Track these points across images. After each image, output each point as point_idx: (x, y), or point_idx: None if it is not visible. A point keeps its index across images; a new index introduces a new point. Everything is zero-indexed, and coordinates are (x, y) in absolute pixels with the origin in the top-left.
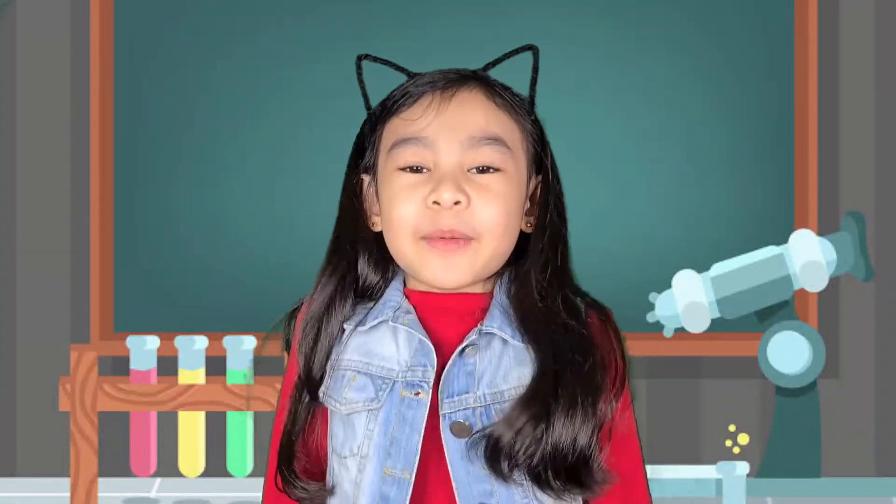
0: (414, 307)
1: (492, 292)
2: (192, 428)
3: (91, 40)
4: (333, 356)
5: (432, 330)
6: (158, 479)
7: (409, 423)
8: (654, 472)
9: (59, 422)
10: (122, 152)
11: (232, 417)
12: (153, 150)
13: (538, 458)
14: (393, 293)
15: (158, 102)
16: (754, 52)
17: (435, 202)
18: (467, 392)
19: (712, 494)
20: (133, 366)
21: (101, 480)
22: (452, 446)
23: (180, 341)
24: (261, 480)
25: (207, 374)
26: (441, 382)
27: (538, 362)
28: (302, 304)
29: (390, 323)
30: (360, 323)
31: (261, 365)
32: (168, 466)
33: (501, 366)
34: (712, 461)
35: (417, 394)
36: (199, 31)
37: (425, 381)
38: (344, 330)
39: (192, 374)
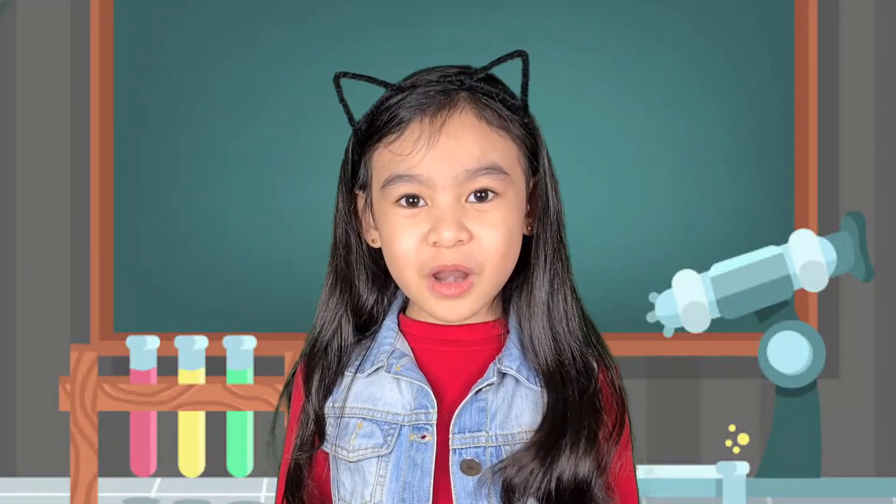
0: (411, 347)
1: (500, 321)
2: (192, 428)
3: (91, 40)
4: (338, 403)
5: (434, 365)
6: (158, 479)
7: (420, 467)
8: (654, 472)
9: (59, 422)
10: (122, 152)
11: (232, 417)
12: (153, 150)
13: (545, 489)
14: (387, 333)
15: (158, 102)
16: (754, 52)
17: (436, 242)
18: (479, 430)
19: (712, 494)
20: (133, 366)
21: (101, 480)
22: (460, 483)
23: (180, 341)
24: (260, 481)
25: (207, 374)
26: (453, 417)
27: (550, 408)
28: (299, 364)
29: (384, 372)
30: (360, 369)
31: (261, 365)
32: (168, 466)
33: (514, 406)
34: (712, 461)
35: (423, 437)
36: (199, 31)
37: (429, 424)
38: (345, 375)
39: (192, 374)
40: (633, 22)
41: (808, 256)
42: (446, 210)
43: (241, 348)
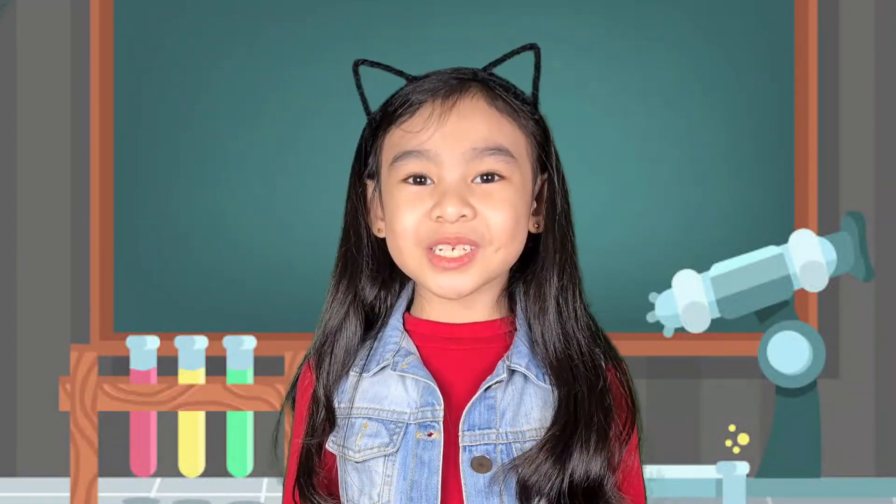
0: (417, 346)
1: (507, 320)
2: (192, 428)
3: (91, 40)
4: (344, 403)
5: (440, 363)
6: (158, 479)
7: (427, 466)
8: (654, 472)
9: (59, 422)
10: (122, 152)
11: (232, 417)
12: (153, 150)
13: (557, 489)
14: (392, 332)
15: (158, 102)
16: (754, 52)
17: (440, 216)
18: (489, 427)
19: (712, 494)
20: (133, 366)
21: (101, 480)
22: (470, 481)
23: (180, 341)
24: (260, 481)
25: (207, 374)
26: (463, 414)
27: (562, 403)
28: (304, 363)
29: (389, 371)
30: (365, 368)
31: (261, 365)
32: (168, 466)
33: (523, 403)
34: (712, 461)
35: (430, 434)
36: (199, 31)
37: (436, 421)
38: (350, 375)
39: (192, 374)
40: (633, 22)
41: (808, 256)
42: (451, 185)
43: (241, 348)
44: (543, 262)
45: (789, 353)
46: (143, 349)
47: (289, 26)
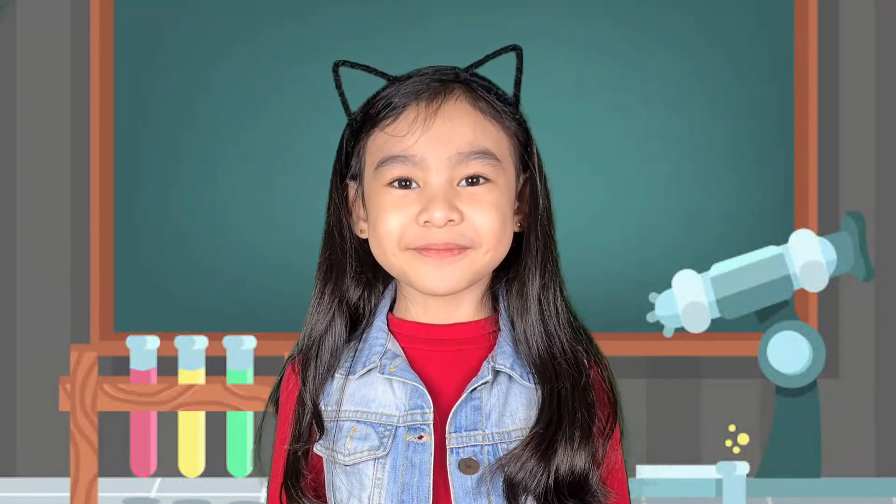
0: (402, 347)
1: (490, 319)
2: (192, 428)
3: (91, 40)
4: (331, 406)
5: (426, 365)
6: (158, 479)
7: (418, 468)
8: (654, 472)
9: (59, 422)
10: (122, 152)
11: (232, 417)
12: (153, 150)
13: (543, 485)
14: (377, 333)
15: (158, 102)
16: (754, 52)
17: (427, 221)
18: (475, 429)
19: (712, 494)
20: (133, 366)
21: (101, 480)
22: (458, 482)
23: (180, 341)
24: (260, 481)
25: (207, 374)
26: (449, 416)
27: (546, 401)
28: (287, 365)
29: (376, 373)
30: (351, 371)
31: (261, 365)
32: (168, 466)
33: (509, 404)
34: (712, 461)
35: (421, 437)
36: (199, 31)
37: (426, 424)
38: (335, 378)
39: (192, 374)
40: (633, 22)
41: (808, 256)
42: (438, 190)
43: (241, 348)
44: (526, 260)
45: (789, 353)
46: (143, 349)
47: (289, 26)
